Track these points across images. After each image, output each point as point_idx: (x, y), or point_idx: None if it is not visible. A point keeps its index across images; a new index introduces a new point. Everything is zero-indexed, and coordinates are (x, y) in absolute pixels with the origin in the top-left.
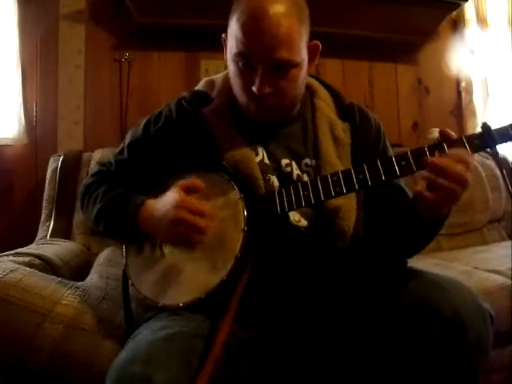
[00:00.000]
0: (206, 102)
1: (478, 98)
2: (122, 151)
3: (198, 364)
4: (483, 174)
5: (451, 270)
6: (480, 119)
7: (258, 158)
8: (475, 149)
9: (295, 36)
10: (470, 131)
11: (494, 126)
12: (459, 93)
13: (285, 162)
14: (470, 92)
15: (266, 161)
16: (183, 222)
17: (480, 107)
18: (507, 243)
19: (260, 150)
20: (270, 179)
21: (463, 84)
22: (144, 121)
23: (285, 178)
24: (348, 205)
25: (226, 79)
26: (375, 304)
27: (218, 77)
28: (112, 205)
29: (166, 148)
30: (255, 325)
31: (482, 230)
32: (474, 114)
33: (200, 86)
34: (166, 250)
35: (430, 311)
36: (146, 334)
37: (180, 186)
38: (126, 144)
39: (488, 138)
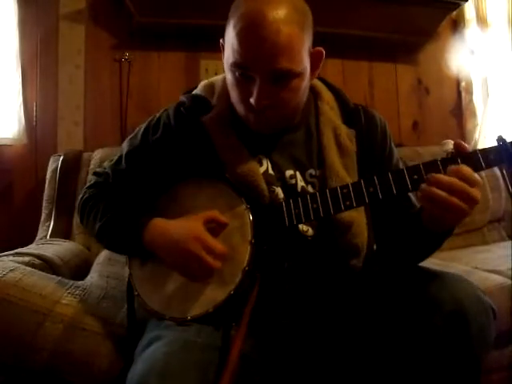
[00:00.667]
0: (205, 109)
1: (477, 98)
2: (119, 161)
3: (215, 377)
4: (483, 174)
5: (451, 270)
6: (480, 119)
7: (262, 169)
8: (490, 164)
9: (296, 44)
10: (470, 131)
11: (495, 128)
12: (459, 93)
13: (289, 173)
14: (470, 92)
15: (271, 171)
16: (195, 258)
17: (480, 107)
18: (507, 243)
19: (264, 161)
20: (274, 191)
21: (463, 84)
22: (142, 129)
23: (289, 189)
24: (359, 219)
25: (226, 83)
26: (379, 299)
27: (218, 79)
28: (114, 223)
29: (165, 158)
30: (261, 331)
31: (482, 229)
32: (474, 114)
33: (199, 91)
34: None
35: (433, 304)
36: (161, 345)
37: (203, 216)
38: (124, 154)
39: (504, 153)
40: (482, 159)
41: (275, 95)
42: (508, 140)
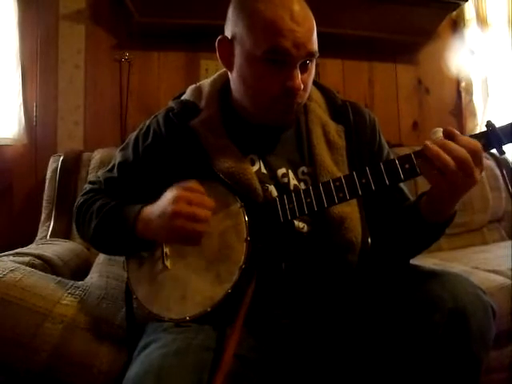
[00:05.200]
0: (194, 113)
1: (477, 98)
2: (111, 170)
3: (209, 378)
4: (483, 174)
5: (451, 270)
6: (480, 119)
7: (255, 168)
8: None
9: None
10: (470, 131)
11: (497, 124)
12: (459, 93)
13: (281, 171)
14: (470, 92)
15: (263, 170)
16: (183, 214)
17: (480, 107)
18: (507, 243)
19: (256, 160)
20: (268, 189)
21: (463, 84)
22: (133, 137)
23: (282, 187)
24: (352, 214)
25: (214, 86)
26: (380, 298)
27: (205, 83)
28: (109, 218)
29: (157, 164)
30: (260, 332)
31: (481, 230)
32: (473, 114)
33: (187, 95)
34: (169, 262)
35: (433, 303)
36: (157, 347)
37: (180, 185)
38: (117, 163)
39: (493, 138)
40: None
41: (303, 79)
42: (497, 125)
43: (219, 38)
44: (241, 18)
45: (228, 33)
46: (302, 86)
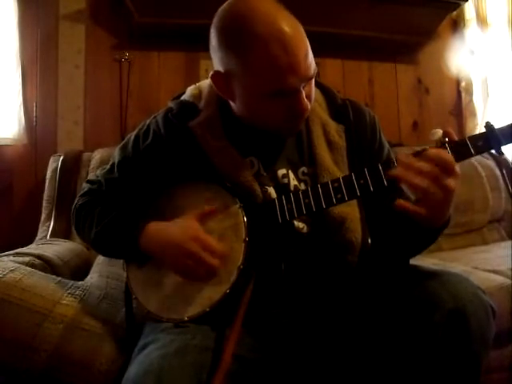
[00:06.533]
0: (193, 114)
1: (478, 98)
2: (111, 170)
3: (208, 378)
4: (483, 174)
5: (451, 270)
6: (480, 119)
7: (254, 170)
8: (479, 150)
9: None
10: (470, 131)
11: (496, 125)
12: (459, 93)
13: (281, 172)
14: (470, 92)
15: (263, 172)
16: (195, 257)
17: (480, 107)
18: (507, 243)
19: (255, 162)
20: (267, 191)
21: (463, 84)
22: (132, 137)
23: (282, 188)
24: (352, 214)
25: (213, 86)
26: (379, 298)
27: (204, 83)
28: (110, 228)
29: (157, 164)
30: (259, 331)
31: (482, 230)
32: (473, 114)
33: (187, 96)
34: None
35: (432, 303)
36: (156, 347)
37: (195, 214)
38: (116, 162)
39: (492, 139)
40: (471, 146)
41: (307, 95)
42: (496, 126)
43: (212, 73)
44: (232, 56)
45: (219, 67)
46: (308, 104)
